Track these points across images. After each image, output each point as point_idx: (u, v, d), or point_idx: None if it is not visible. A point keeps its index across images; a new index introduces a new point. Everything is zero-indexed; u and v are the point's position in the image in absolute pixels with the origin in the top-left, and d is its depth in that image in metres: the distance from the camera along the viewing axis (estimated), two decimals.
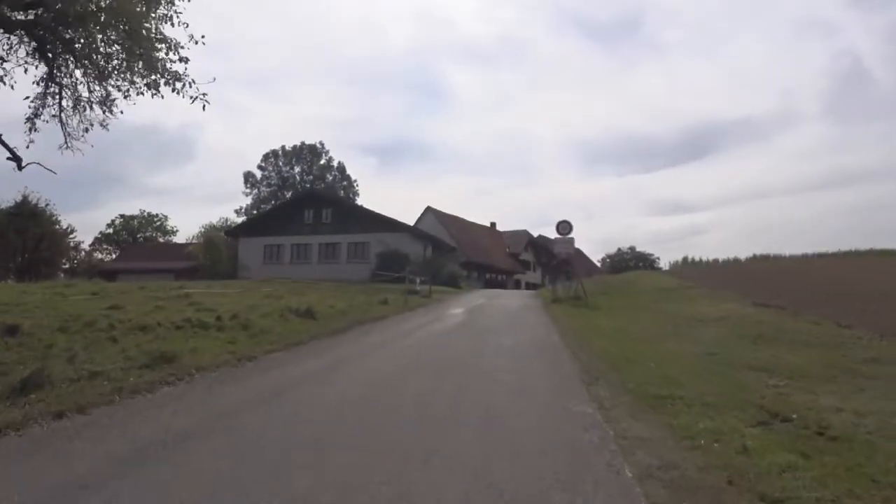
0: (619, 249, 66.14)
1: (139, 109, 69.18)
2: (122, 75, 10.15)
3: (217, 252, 39.04)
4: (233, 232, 42.10)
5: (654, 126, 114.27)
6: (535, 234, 61.37)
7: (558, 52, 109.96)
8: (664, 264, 61.31)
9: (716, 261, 48.73)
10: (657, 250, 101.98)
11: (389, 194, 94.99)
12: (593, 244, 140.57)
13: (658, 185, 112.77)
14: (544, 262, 61.98)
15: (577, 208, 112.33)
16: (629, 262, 62.52)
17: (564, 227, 21.82)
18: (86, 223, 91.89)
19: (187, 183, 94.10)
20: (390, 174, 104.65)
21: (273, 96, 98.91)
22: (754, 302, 15.05)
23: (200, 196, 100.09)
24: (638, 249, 64.75)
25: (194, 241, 44.94)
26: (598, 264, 70.15)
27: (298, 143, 60.57)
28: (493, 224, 60.39)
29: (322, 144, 60.70)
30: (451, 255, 42.60)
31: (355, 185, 60.75)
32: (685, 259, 50.81)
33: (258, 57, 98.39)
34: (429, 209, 49.88)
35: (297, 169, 60.77)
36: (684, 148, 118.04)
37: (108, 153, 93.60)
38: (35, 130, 10.71)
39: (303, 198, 41.07)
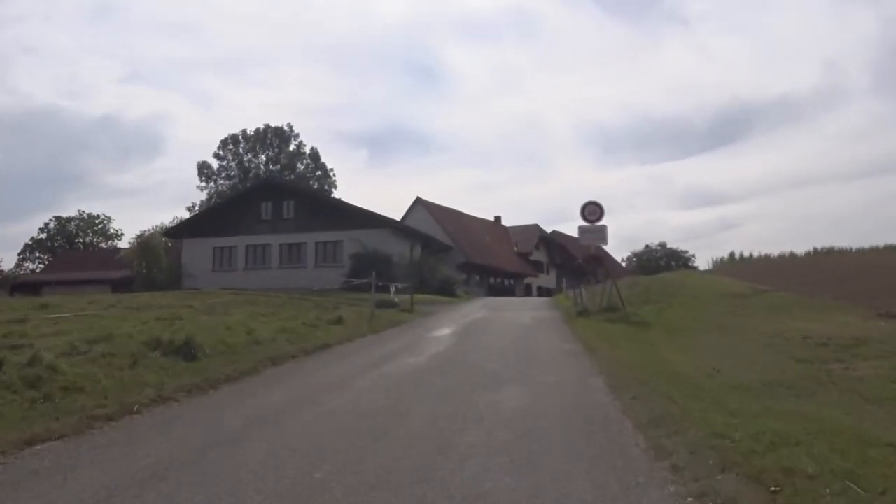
0: (648, 246, 63.50)
1: (97, 99, 65.37)
2: None
3: (154, 258, 36.30)
4: (175, 232, 39.55)
5: (680, 108, 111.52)
6: (549, 231, 59.72)
7: (572, 26, 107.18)
8: (702, 262, 59.11)
9: (767, 256, 46.44)
10: (689, 247, 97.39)
11: (381, 191, 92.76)
12: (616, 241, 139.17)
13: (686, 174, 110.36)
14: (559, 262, 59.54)
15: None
16: (660, 261, 60.69)
17: (593, 210, 17.64)
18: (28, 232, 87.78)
19: (154, 181, 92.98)
20: (381, 167, 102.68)
21: (248, 81, 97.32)
22: (880, 313, 12.39)
23: (169, 196, 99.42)
24: (668, 246, 63.33)
25: (129, 246, 40.39)
26: (623, 263, 69.39)
27: (262, 126, 57.98)
28: (497, 219, 58.37)
29: (291, 127, 58.47)
30: (446, 255, 40.71)
31: (332, 175, 58.67)
32: (732, 255, 48.02)
33: (232, 36, 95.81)
34: (419, 201, 46.75)
35: (262, 157, 58.34)
36: (715, 132, 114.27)
37: (63, 150, 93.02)
38: None
39: (259, 188, 38.78)
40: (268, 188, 38.59)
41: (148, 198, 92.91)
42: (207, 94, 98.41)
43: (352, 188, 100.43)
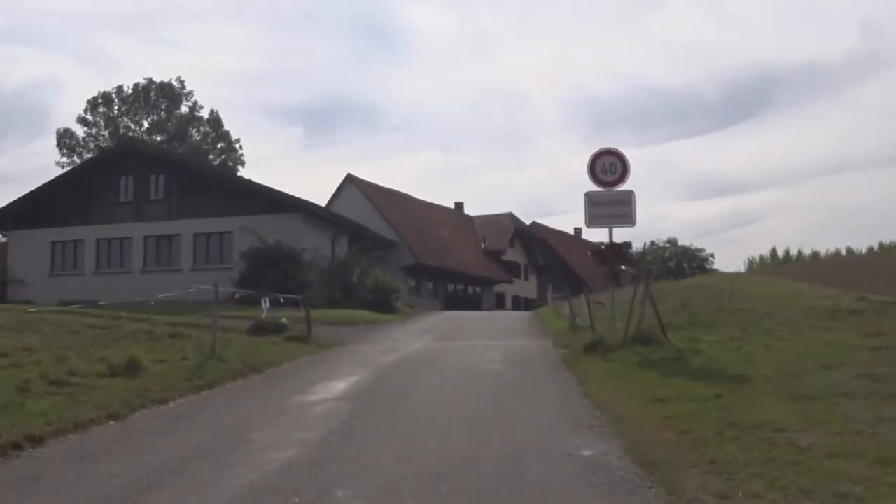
0: (654, 244, 62.12)
1: None
2: None
3: None
4: None
5: (687, 77, 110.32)
6: (527, 223, 58.91)
7: None
8: (720, 263, 58.27)
9: (815, 255, 42.98)
10: (701, 243, 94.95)
11: (317, 179, 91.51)
12: (606, 238, 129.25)
13: (693, 158, 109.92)
14: (542, 264, 57.32)
15: (585, 190, 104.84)
16: (669, 262, 59.92)
17: (610, 164, 13.26)
18: None
19: (33, 166, 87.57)
20: (320, 149, 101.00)
21: (158, 40, 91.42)
22: None
23: None
24: (680, 243, 62.19)
25: None
26: (621, 266, 63.85)
27: (144, 81, 54.23)
28: (458, 206, 57.11)
29: (182, 83, 54.60)
30: (386, 254, 37.71)
31: (238, 147, 55.20)
32: (774, 253, 44.65)
33: None
34: (350, 180, 44.06)
35: (144, 124, 54.63)
36: (729, 106, 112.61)
37: None
38: None
39: (117, 158, 34.46)
40: (129, 157, 33.56)
41: (27, 186, 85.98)
42: (107, 56, 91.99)
43: (280, 175, 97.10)
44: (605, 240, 13.87)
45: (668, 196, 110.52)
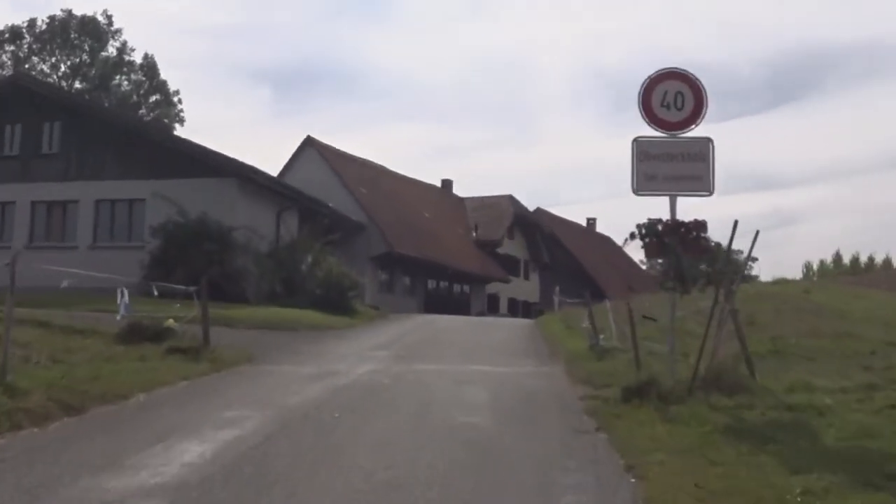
0: None
1: None
2: None
3: None
4: None
5: (722, 51, 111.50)
6: (531, 209, 58.35)
7: None
8: (766, 270, 58.87)
9: (888, 262, 41.93)
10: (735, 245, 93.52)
11: (289, 149, 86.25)
12: (621, 235, 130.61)
13: (727, 145, 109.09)
14: (547, 261, 56.64)
15: (600, 178, 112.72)
16: (700, 265, 54.93)
17: (677, 97, 9.95)
18: None
19: None
20: (290, 117, 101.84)
21: None
22: None
23: None
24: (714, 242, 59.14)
25: None
26: (643, 266, 70.52)
27: (62, 15, 52.55)
28: (445, 185, 56.33)
29: (109, 17, 52.86)
30: (351, 239, 36.28)
31: (177, 101, 53.76)
32: (838, 258, 42.98)
33: None
34: (309, 143, 42.06)
35: (61, 68, 53.12)
36: (770, 87, 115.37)
37: None
38: None
39: None
40: (15, 98, 30.43)
41: None
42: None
43: (240, 144, 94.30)
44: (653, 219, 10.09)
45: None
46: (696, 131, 9.88)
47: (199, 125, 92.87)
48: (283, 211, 29.71)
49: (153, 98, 53.49)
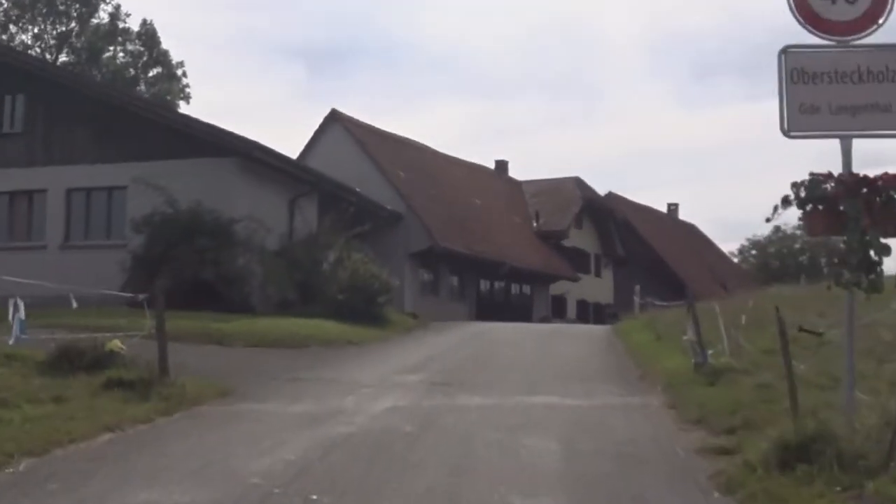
0: (780, 231, 66.34)
1: None
2: None
3: None
4: None
5: None
6: (602, 193, 57.72)
7: None
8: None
9: None
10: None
11: (311, 127, 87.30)
12: (715, 227, 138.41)
13: None
14: (621, 255, 55.83)
15: (678, 160, 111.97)
16: (798, 255, 65.74)
17: None
18: None
19: None
20: (327, 97, 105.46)
21: None
22: None
23: None
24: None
25: None
26: (735, 258, 74.16)
27: None
28: (501, 166, 55.05)
29: None
30: (385, 232, 35.47)
31: (181, 75, 53.07)
32: None
33: None
34: (334, 118, 40.90)
35: (46, 39, 52.36)
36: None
37: None
38: None
39: None
40: None
41: None
42: None
43: (268, 127, 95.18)
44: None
45: (795, 168, 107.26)
46: (879, 36, 7.44)
47: (220, 107, 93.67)
48: (299, 198, 28.53)
49: (152, 72, 52.78)
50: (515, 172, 55.41)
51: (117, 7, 52.16)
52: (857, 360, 7.64)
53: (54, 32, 52.06)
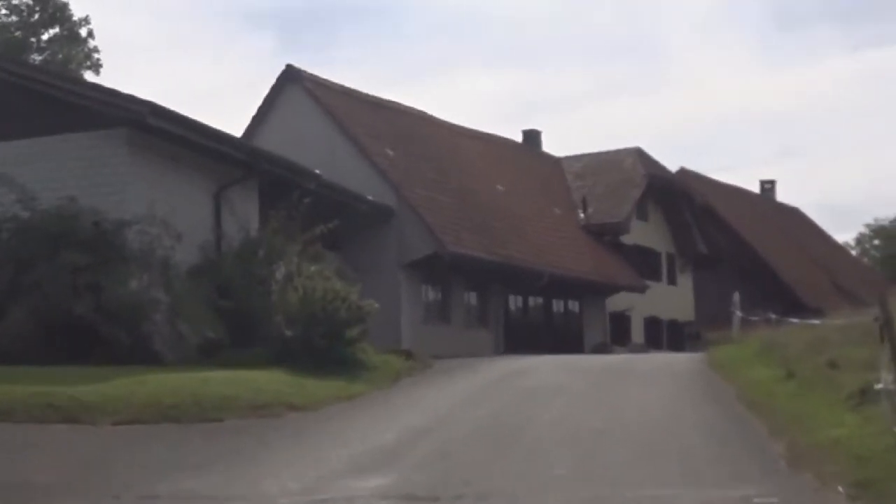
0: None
1: None
2: None
3: None
4: None
5: None
6: (672, 169, 56.45)
7: None
8: None
9: None
10: None
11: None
12: (819, 212, 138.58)
13: None
14: (703, 252, 54.53)
15: (761, 128, 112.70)
16: None
17: None
18: None
19: None
20: (307, 68, 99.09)
21: None
22: None
23: None
24: None
25: None
26: (853, 250, 74.41)
27: None
28: (531, 137, 53.90)
29: None
30: (370, 229, 35.22)
31: (88, 37, 52.94)
32: None
33: None
34: (291, 77, 39.22)
35: None
36: None
37: None
38: None
39: None
40: None
41: None
42: None
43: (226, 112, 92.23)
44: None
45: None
46: None
47: (174, 94, 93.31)
48: (229, 188, 26.74)
49: (48, 32, 52.61)
50: (552, 147, 54.24)
51: None
52: None
53: None
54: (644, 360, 30.70)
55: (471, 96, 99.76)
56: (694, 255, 54.65)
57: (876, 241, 72.59)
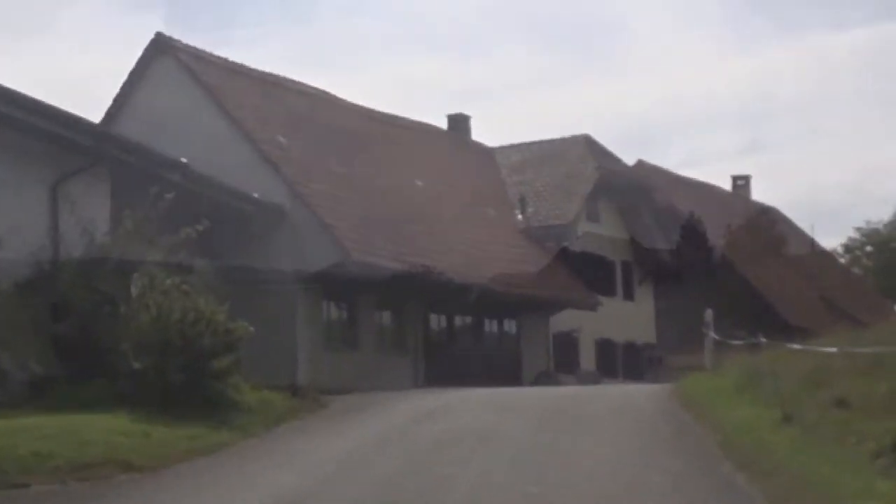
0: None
1: None
2: None
3: None
4: None
5: None
6: (628, 162, 57.28)
7: None
8: None
9: None
10: None
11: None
12: (800, 213, 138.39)
13: None
14: (666, 261, 54.28)
15: (735, 119, 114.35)
16: None
17: None
18: None
19: None
20: (213, 48, 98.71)
21: None
22: None
23: None
24: None
25: None
26: (842, 257, 76.54)
27: None
28: (457, 124, 53.57)
29: None
30: (257, 235, 34.37)
31: None
32: None
33: None
34: (160, 46, 38.28)
35: None
36: None
37: None
38: None
39: None
40: None
41: None
42: None
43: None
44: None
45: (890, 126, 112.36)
46: None
47: (46, 81, 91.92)
48: (69, 179, 26.14)
49: None
50: (485, 136, 53.74)
51: None
52: None
53: None
54: (597, 393, 30.16)
55: (396, 84, 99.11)
56: (655, 264, 54.08)
57: (868, 248, 72.50)
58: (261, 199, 33.56)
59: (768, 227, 60.75)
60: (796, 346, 22.72)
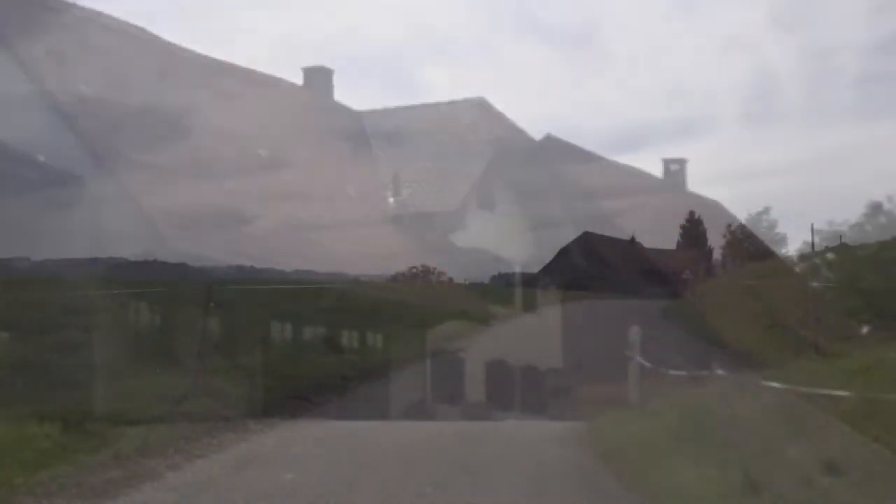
0: (881, 216, 69.90)
1: None
2: None
3: None
4: None
5: None
6: (541, 135, 57.40)
7: None
8: None
9: None
10: None
11: None
12: (741, 205, 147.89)
13: None
14: (576, 263, 54.87)
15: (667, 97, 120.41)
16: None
17: None
18: None
19: None
20: None
21: None
22: None
23: None
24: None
25: None
26: (795, 267, 77.51)
27: None
28: (315, 76, 54.19)
29: None
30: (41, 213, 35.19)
31: None
32: None
33: None
34: None
35: None
36: None
37: None
38: None
39: None
40: None
41: None
42: None
43: None
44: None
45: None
46: None
47: None
48: None
49: None
50: (351, 99, 52.28)
51: None
52: None
53: None
54: (485, 435, 27.86)
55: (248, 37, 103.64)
56: (563, 265, 54.02)
57: (829, 255, 71.67)
58: (48, 163, 32.76)
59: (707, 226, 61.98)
60: (774, 384, 20.89)
